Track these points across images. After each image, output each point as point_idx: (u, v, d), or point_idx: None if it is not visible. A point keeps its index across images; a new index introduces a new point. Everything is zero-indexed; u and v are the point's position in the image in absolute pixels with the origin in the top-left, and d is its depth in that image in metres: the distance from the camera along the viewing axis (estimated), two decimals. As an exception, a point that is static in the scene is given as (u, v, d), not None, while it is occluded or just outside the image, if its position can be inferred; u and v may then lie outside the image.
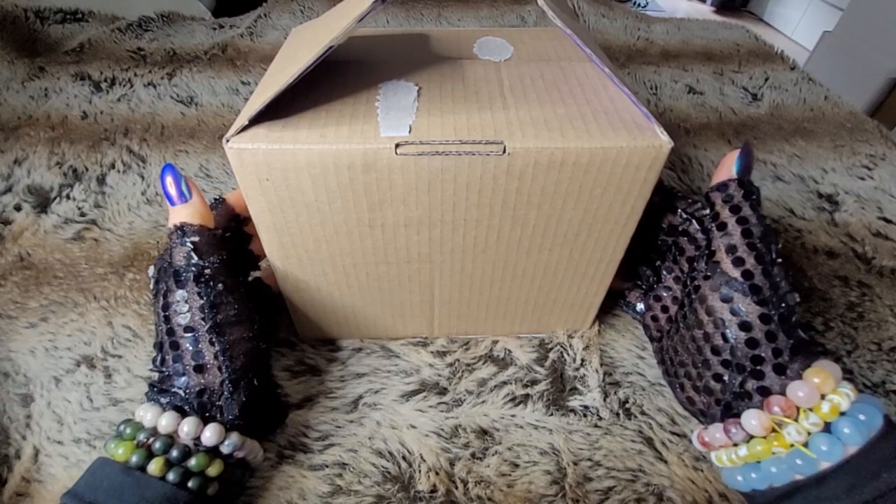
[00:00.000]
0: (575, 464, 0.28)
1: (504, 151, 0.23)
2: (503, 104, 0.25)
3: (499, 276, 0.29)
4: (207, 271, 0.25)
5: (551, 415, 0.31)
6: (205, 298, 0.25)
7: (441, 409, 0.31)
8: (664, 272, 0.31)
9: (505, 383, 0.32)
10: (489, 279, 0.30)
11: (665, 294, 0.31)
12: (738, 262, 0.24)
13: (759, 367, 0.23)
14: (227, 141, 0.22)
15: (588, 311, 0.33)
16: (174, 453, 0.23)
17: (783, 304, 0.24)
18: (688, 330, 0.26)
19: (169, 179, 0.26)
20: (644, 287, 0.33)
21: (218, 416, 0.25)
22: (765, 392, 0.23)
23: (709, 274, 0.25)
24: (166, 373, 0.25)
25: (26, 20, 0.68)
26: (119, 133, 0.52)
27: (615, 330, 0.35)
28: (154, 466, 0.22)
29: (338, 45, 0.23)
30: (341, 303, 0.31)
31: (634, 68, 0.66)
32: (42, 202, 0.44)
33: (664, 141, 0.23)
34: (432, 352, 0.34)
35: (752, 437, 0.23)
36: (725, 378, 0.24)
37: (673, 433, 0.30)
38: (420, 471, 0.28)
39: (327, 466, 0.28)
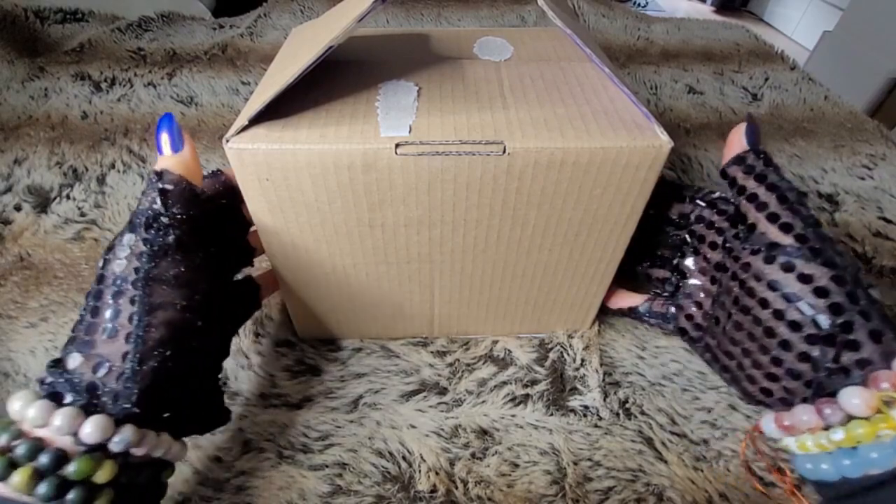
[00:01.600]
0: (575, 464, 0.28)
1: (504, 151, 0.23)
2: (503, 104, 0.25)
3: (499, 276, 0.29)
4: (164, 219, 0.22)
5: (551, 415, 0.31)
6: (148, 246, 0.21)
7: (441, 409, 0.31)
8: (689, 266, 0.29)
9: (505, 383, 0.32)
10: (489, 279, 0.30)
11: (695, 289, 0.29)
12: (785, 227, 0.22)
13: (851, 337, 0.20)
14: (227, 141, 0.22)
15: (588, 311, 0.33)
16: (43, 459, 0.18)
17: (847, 265, 0.21)
18: (745, 314, 0.23)
19: (164, 130, 0.24)
20: (666, 292, 0.31)
21: (109, 403, 0.20)
22: (864, 364, 0.20)
23: (757, 248, 0.23)
24: (73, 335, 0.21)
25: (26, 20, 0.68)
26: (119, 133, 0.52)
27: (615, 330, 0.35)
28: (18, 479, 0.17)
29: (338, 45, 0.23)
30: (341, 303, 0.31)
31: (634, 68, 0.66)
32: (42, 202, 0.44)
33: (664, 141, 0.23)
34: (432, 352, 0.34)
35: (851, 418, 0.20)
36: (815, 354, 0.21)
37: (673, 433, 0.30)
38: (420, 471, 0.28)
39: (327, 466, 0.28)
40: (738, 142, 0.25)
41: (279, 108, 0.23)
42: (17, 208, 0.43)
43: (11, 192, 0.45)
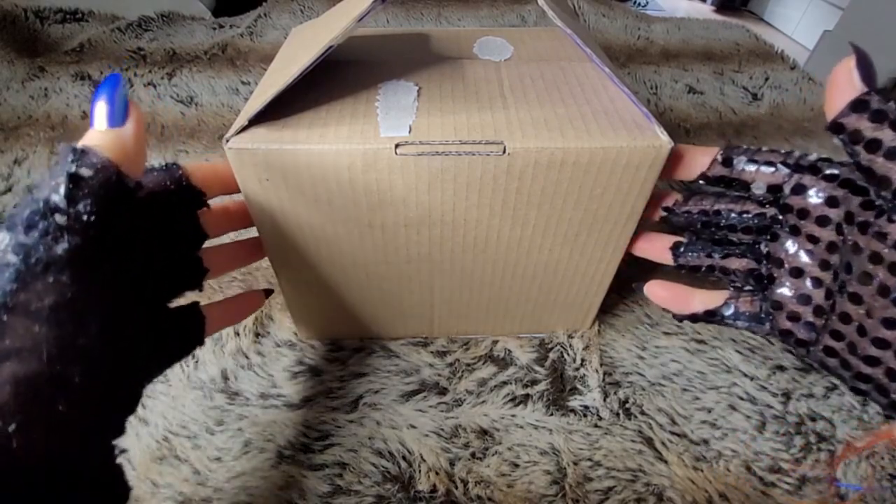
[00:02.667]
0: (575, 464, 0.28)
1: (504, 151, 0.23)
2: (503, 104, 0.25)
3: (499, 276, 0.29)
4: (59, 218, 0.15)
5: (551, 415, 0.31)
6: (20, 256, 0.14)
7: (441, 409, 0.31)
8: (787, 250, 0.23)
9: (505, 383, 0.32)
10: (489, 279, 0.30)
11: (797, 279, 0.23)
12: None
13: None
14: (227, 141, 0.22)
15: (588, 311, 0.33)
16: None
17: None
18: None
19: (102, 96, 0.17)
20: (749, 285, 0.25)
21: None
22: None
23: None
24: None
25: (26, 20, 0.68)
26: (119, 133, 0.52)
27: (615, 330, 0.35)
28: None
29: (338, 45, 0.23)
30: (341, 303, 0.31)
31: (634, 68, 0.66)
32: (42, 202, 0.44)
33: (664, 141, 0.23)
34: (432, 352, 0.34)
35: None
36: None
37: (673, 433, 0.30)
38: (420, 471, 0.28)
39: (327, 466, 0.28)
40: (848, 83, 0.19)
41: (279, 108, 0.23)
42: (17, 208, 0.43)
43: (11, 192, 0.45)
